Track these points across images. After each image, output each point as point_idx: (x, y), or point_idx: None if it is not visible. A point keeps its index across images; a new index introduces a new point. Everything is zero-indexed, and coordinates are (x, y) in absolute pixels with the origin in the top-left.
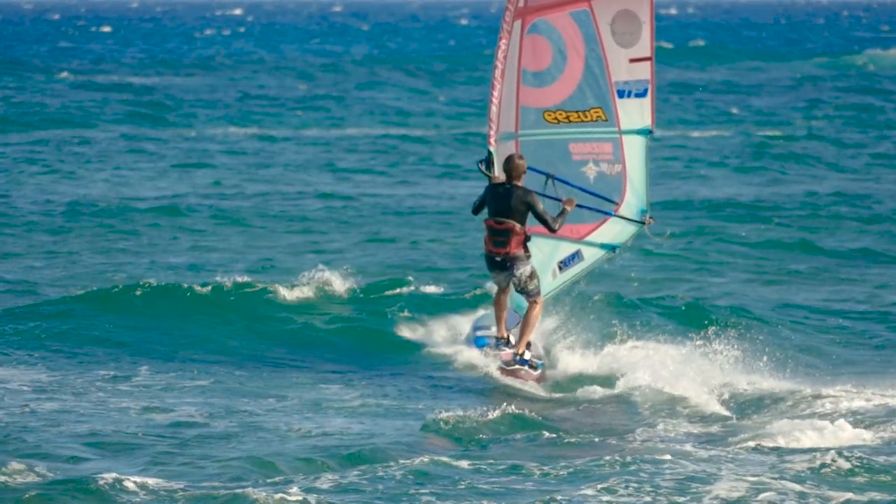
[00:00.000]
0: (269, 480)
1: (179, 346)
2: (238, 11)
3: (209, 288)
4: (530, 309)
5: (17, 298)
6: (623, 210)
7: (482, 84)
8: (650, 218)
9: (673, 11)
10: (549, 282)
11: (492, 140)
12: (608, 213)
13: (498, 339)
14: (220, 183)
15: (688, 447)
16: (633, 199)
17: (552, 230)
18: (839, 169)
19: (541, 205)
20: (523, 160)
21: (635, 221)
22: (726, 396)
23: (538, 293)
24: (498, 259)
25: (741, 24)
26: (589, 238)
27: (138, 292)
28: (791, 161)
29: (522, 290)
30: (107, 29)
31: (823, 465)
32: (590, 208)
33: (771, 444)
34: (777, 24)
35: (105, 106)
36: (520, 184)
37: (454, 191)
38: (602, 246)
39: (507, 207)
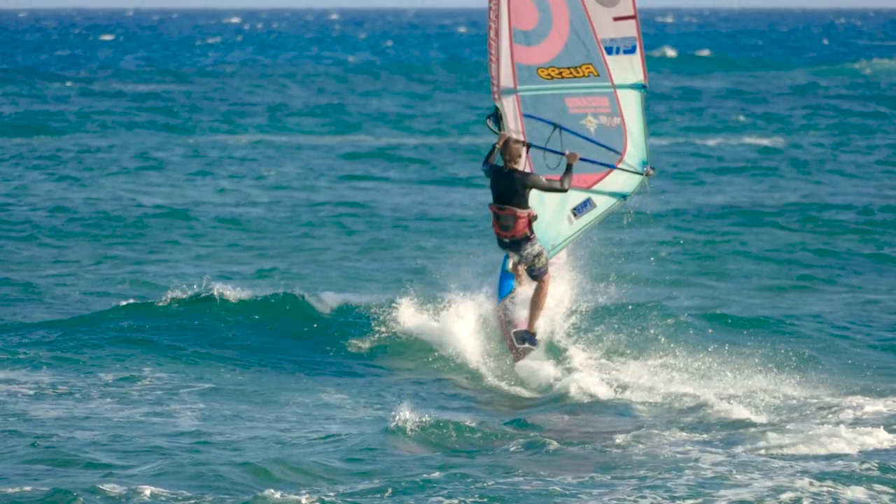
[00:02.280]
0: (275, 488)
1: (190, 355)
2: (236, 20)
3: (218, 296)
4: (538, 289)
5: (23, 305)
6: (626, 160)
7: (483, 91)
8: (651, 168)
9: (670, 20)
10: (567, 228)
11: (496, 95)
12: (610, 166)
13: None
14: (224, 190)
15: (707, 454)
16: (634, 150)
17: (563, 191)
18: (846, 175)
19: (543, 180)
20: (519, 144)
21: (636, 172)
22: (744, 403)
23: (545, 272)
24: (506, 241)
25: (740, 31)
26: (597, 187)
27: (149, 302)
28: (796, 168)
29: (530, 269)
30: (108, 37)
31: (843, 470)
32: (593, 161)
33: (791, 451)
34: (774, 31)
35: (109, 114)
36: (517, 166)
37: (457, 198)
38: (612, 194)
39: (507, 192)
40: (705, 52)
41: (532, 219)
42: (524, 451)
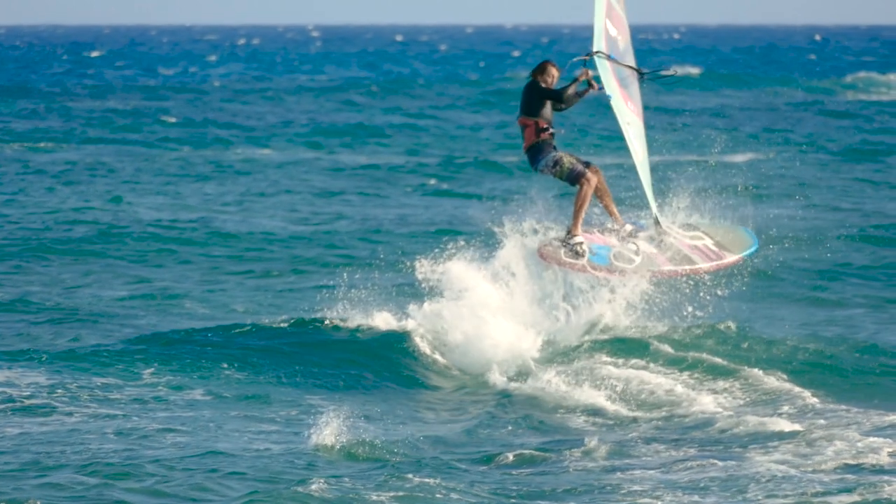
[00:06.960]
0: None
1: (192, 365)
2: (212, 37)
3: (216, 310)
4: (578, 191)
5: (22, 314)
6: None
7: (470, 108)
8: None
9: (651, 36)
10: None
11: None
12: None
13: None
14: (217, 205)
15: (721, 464)
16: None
17: (562, 100)
18: (848, 188)
19: (544, 89)
20: (547, 64)
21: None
22: (761, 413)
23: (578, 175)
24: (526, 154)
25: (725, 48)
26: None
27: (148, 313)
28: (797, 183)
29: (560, 178)
30: (96, 53)
31: (873, 482)
32: (610, 56)
33: (816, 462)
34: (759, 47)
35: (105, 128)
36: (544, 83)
37: (455, 211)
38: None
39: (523, 102)
40: (695, 70)
41: (540, 129)
42: (525, 463)
